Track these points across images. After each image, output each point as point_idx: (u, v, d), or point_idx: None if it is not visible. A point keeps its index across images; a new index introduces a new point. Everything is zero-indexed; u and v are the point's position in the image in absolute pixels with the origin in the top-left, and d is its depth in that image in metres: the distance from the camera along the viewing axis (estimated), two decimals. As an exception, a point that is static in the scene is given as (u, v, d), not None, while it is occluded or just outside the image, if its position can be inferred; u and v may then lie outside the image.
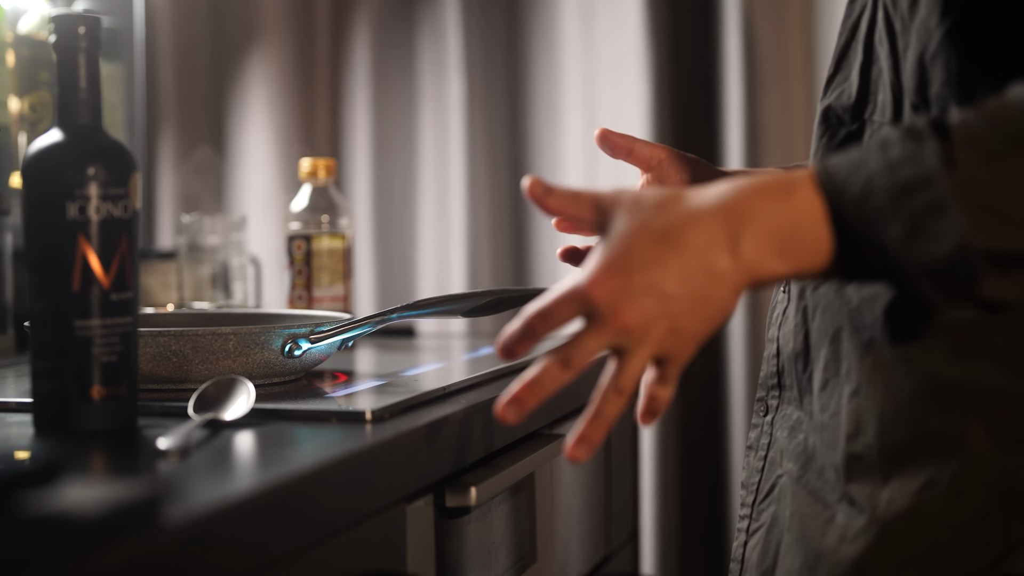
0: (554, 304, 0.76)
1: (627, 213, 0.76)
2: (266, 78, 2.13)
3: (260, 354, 1.09)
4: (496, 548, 1.14)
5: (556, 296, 0.76)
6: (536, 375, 0.76)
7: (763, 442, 0.97)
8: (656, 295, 0.74)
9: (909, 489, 0.80)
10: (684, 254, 0.74)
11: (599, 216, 0.78)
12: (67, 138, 0.90)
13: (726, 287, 0.74)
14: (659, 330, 0.74)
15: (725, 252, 0.74)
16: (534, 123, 2.13)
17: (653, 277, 0.74)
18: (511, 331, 0.76)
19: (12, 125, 1.63)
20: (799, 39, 1.97)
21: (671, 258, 0.74)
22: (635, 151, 1.08)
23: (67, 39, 0.91)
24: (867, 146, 0.75)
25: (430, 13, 2.15)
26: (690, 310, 0.74)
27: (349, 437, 0.90)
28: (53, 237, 0.89)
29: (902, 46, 0.84)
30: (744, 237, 0.74)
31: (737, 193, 0.75)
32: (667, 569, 2.03)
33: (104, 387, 0.89)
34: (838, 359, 0.87)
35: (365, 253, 2.15)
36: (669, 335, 0.75)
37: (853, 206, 0.73)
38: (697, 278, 0.74)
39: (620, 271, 0.74)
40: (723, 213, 0.75)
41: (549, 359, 0.76)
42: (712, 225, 0.74)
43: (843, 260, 0.75)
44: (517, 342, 0.76)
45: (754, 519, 0.96)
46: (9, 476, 0.62)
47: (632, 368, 0.76)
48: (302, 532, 0.77)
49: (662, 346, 0.75)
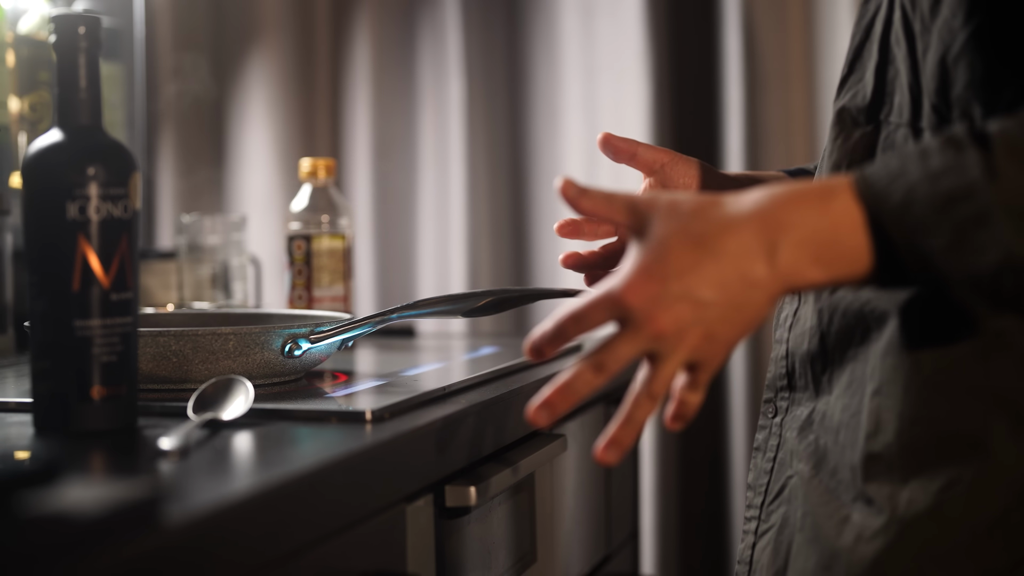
0: (588, 307, 0.75)
1: (663, 218, 0.76)
2: (266, 78, 2.13)
3: (260, 354, 1.09)
4: (496, 548, 1.14)
5: (590, 299, 0.76)
6: (569, 379, 0.76)
7: (772, 443, 0.97)
8: (691, 302, 0.74)
9: (930, 489, 0.80)
10: (720, 261, 0.74)
11: (634, 220, 0.78)
12: (67, 138, 0.90)
13: (762, 295, 0.75)
14: (693, 337, 0.74)
15: (762, 260, 0.74)
16: (534, 123, 2.13)
17: (689, 283, 0.74)
18: (542, 331, 0.76)
19: (12, 125, 1.63)
20: (799, 39, 1.97)
21: (707, 265, 0.74)
22: (638, 155, 1.08)
23: (67, 39, 0.91)
24: (905, 155, 0.76)
25: (430, 13, 2.15)
26: (725, 317, 0.74)
27: (349, 437, 0.90)
28: (53, 237, 0.89)
29: (921, 47, 0.84)
30: (781, 245, 0.74)
31: (774, 200, 0.75)
32: (667, 569, 2.03)
33: (104, 387, 0.89)
34: (859, 360, 0.87)
35: (365, 253, 2.15)
36: (703, 342, 0.75)
37: (894, 216, 0.73)
38: (733, 285, 0.74)
39: (656, 277, 0.74)
40: (760, 220, 0.75)
41: (582, 364, 0.76)
42: (749, 232, 0.74)
43: (882, 269, 0.75)
44: (548, 343, 0.76)
45: (763, 520, 0.95)
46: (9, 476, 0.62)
47: (665, 374, 0.75)
48: (302, 532, 0.77)
49: (696, 352, 0.75)
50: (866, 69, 0.90)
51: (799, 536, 0.89)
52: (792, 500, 0.92)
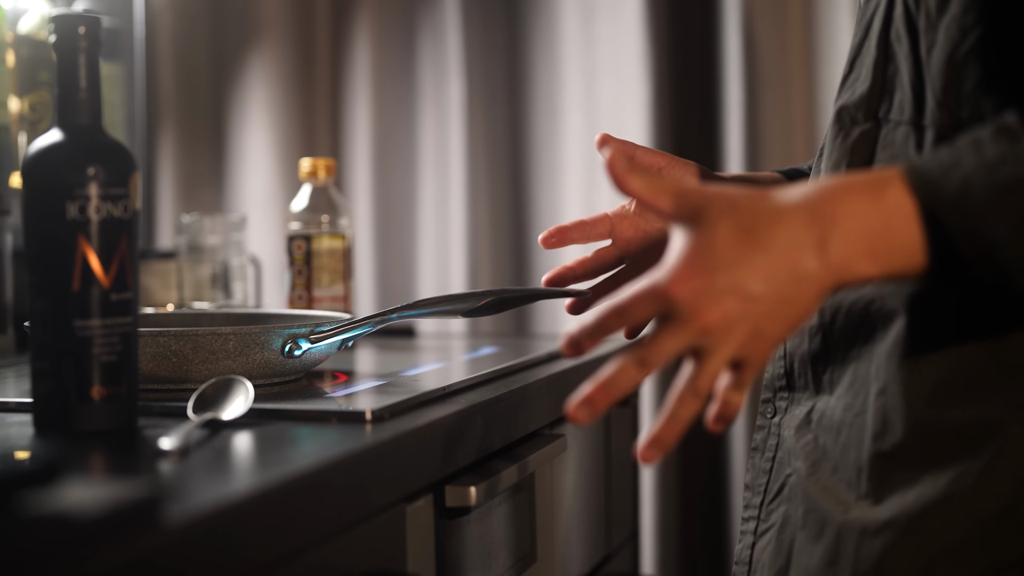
0: (632, 300, 0.73)
1: (714, 208, 0.74)
2: (266, 78, 2.13)
3: (260, 354, 1.09)
4: (496, 548, 1.14)
5: (634, 292, 0.73)
6: (611, 375, 0.73)
7: (771, 443, 0.97)
8: (740, 295, 0.72)
9: (939, 482, 0.80)
10: (770, 254, 0.72)
11: (683, 209, 0.75)
12: (67, 138, 0.90)
13: (812, 289, 0.73)
14: (741, 332, 0.72)
15: (812, 253, 0.72)
16: (534, 123, 2.13)
17: (737, 276, 0.72)
18: (583, 325, 0.73)
19: (12, 125, 1.63)
20: (799, 39, 1.97)
21: (756, 257, 0.72)
22: (635, 158, 1.08)
23: (67, 39, 0.91)
24: (956, 146, 0.75)
25: (430, 13, 2.15)
26: (773, 312, 0.72)
27: (349, 437, 0.90)
28: (53, 237, 0.89)
29: (925, 44, 0.84)
30: (833, 238, 0.72)
31: (824, 192, 0.74)
32: (667, 569, 2.03)
33: (104, 387, 0.89)
34: (863, 359, 0.87)
35: (365, 253, 2.15)
36: (750, 338, 0.72)
37: (951, 206, 0.72)
38: (782, 279, 0.72)
39: (703, 269, 0.72)
40: (810, 212, 0.73)
41: (625, 359, 0.73)
42: (799, 225, 0.73)
43: (937, 261, 0.73)
44: (588, 336, 0.73)
45: (762, 520, 0.95)
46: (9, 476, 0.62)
47: (711, 370, 0.73)
48: (302, 532, 0.77)
49: (742, 349, 0.73)
50: (864, 66, 0.90)
51: (801, 534, 0.89)
52: (792, 499, 0.92)
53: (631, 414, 1.67)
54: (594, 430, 1.49)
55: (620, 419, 1.61)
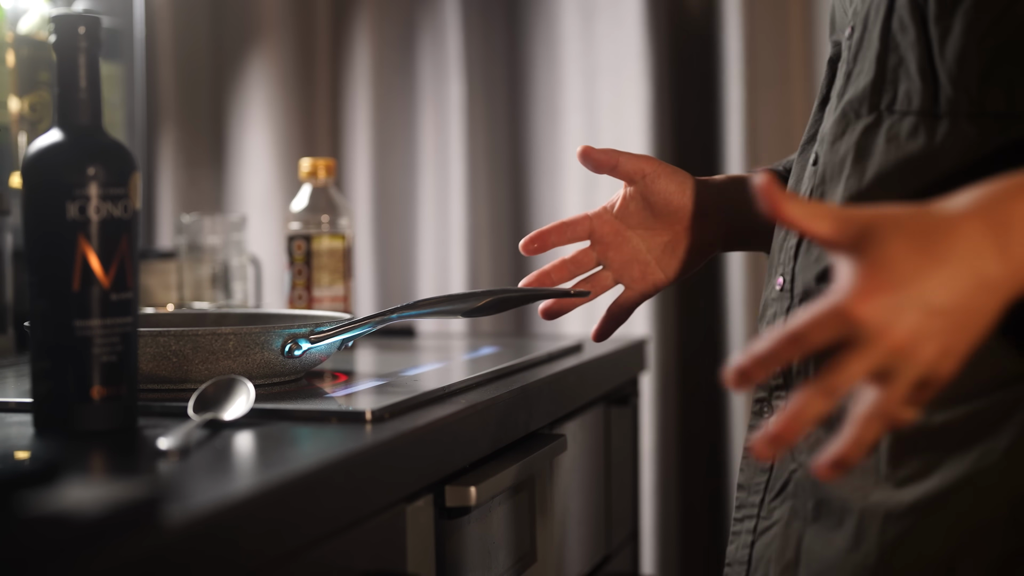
0: (810, 325, 0.67)
1: (878, 228, 0.69)
2: (266, 78, 2.13)
3: (260, 354, 1.09)
4: (496, 548, 1.14)
5: (812, 316, 0.67)
6: (797, 408, 0.68)
7: None
8: (927, 310, 0.67)
9: (963, 462, 0.80)
10: (951, 264, 0.68)
11: (842, 234, 0.70)
12: (67, 138, 0.90)
13: (995, 298, 0.69)
14: (930, 349, 0.67)
15: (994, 258, 0.68)
16: (534, 123, 2.13)
17: (922, 290, 0.67)
18: (753, 355, 0.68)
19: (12, 125, 1.63)
20: (799, 39, 1.97)
21: (938, 269, 0.68)
22: (619, 165, 1.08)
23: (67, 39, 0.91)
24: None
25: (430, 13, 2.15)
26: (960, 325, 0.68)
27: (349, 437, 0.90)
28: (53, 237, 0.89)
29: (938, 32, 0.83)
30: (1013, 241, 0.69)
31: (994, 196, 0.71)
32: (667, 569, 2.03)
33: (104, 387, 0.89)
34: None
35: (365, 253, 2.15)
36: (940, 356, 0.68)
37: None
38: (967, 289, 0.68)
39: (885, 285, 0.67)
40: (984, 218, 0.69)
41: (810, 390, 0.68)
42: (976, 231, 0.69)
43: None
44: (759, 366, 0.68)
45: (763, 518, 0.95)
46: (9, 476, 0.62)
47: (900, 391, 0.68)
48: (302, 532, 0.77)
49: (931, 368, 0.68)
50: (865, 60, 0.90)
51: (813, 527, 0.89)
52: (799, 493, 0.92)
53: (631, 414, 1.67)
54: (594, 430, 1.49)
55: (620, 419, 1.61)
